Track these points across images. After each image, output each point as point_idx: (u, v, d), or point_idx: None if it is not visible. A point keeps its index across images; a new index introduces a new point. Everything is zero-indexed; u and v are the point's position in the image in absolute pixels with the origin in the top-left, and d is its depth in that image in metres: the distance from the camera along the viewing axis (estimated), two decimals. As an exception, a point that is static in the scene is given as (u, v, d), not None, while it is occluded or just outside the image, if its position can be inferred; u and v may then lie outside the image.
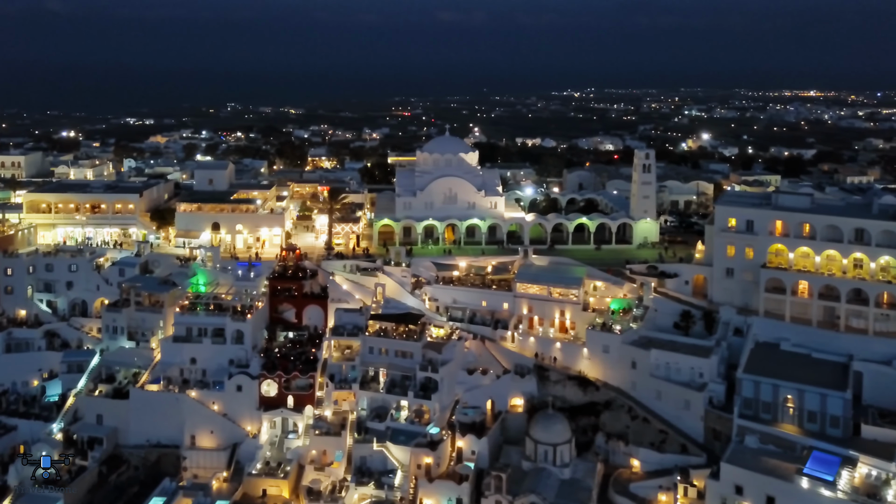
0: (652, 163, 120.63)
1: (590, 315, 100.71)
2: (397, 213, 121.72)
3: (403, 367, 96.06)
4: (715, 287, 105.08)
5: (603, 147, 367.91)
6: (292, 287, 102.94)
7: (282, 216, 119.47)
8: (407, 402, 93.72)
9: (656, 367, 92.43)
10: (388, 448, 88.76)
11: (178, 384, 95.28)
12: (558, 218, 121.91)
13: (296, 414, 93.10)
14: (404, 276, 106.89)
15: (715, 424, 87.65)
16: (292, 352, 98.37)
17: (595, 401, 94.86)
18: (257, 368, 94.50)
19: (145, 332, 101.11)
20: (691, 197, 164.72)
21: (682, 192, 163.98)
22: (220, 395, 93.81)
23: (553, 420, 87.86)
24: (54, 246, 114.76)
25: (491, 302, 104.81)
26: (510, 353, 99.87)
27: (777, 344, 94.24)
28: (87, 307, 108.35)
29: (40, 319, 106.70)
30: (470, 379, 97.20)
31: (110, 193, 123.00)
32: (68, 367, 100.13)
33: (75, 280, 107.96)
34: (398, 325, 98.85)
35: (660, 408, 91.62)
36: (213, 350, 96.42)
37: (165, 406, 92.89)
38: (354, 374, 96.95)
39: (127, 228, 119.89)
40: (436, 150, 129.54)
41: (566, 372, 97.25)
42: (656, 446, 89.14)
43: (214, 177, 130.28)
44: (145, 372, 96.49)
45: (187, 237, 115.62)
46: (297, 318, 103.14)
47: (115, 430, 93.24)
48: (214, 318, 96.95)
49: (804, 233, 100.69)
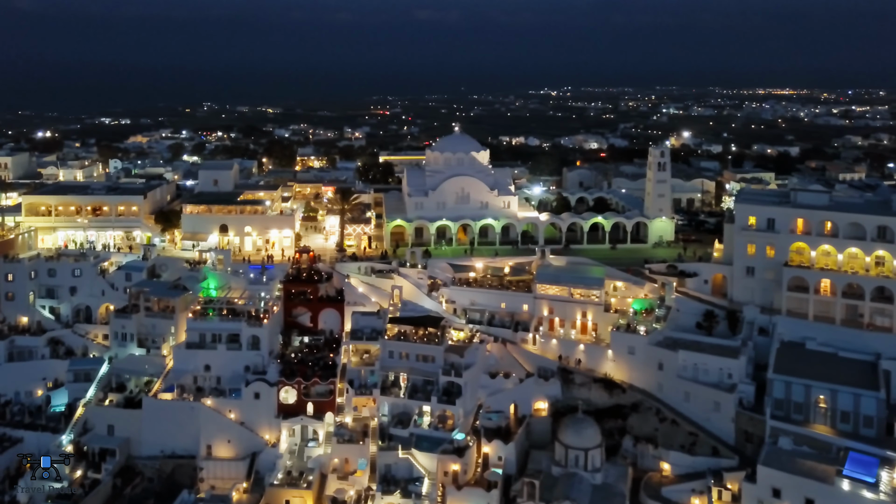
0: (667, 160, 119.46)
1: (612, 316, 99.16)
2: (408, 213, 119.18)
3: (425, 372, 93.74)
4: (735, 286, 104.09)
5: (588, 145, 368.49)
6: (307, 290, 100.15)
7: (292, 217, 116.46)
8: (429, 408, 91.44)
9: (684, 369, 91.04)
10: (413, 455, 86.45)
11: (191, 392, 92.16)
12: (573, 217, 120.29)
13: (316, 421, 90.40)
14: (420, 278, 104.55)
15: (746, 426, 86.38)
16: (309, 357, 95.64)
17: (621, 403, 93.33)
18: (275, 375, 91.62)
19: (155, 338, 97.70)
20: (695, 195, 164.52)
21: (684, 190, 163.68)
22: (236, 402, 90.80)
23: (584, 424, 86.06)
24: (56, 250, 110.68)
25: (510, 303, 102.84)
26: (532, 356, 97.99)
27: (802, 343, 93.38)
28: (92, 313, 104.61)
29: (43, 326, 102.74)
30: (492, 383, 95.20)
31: (113, 195, 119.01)
32: (75, 376, 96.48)
33: (79, 285, 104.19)
34: (418, 329, 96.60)
35: (688, 410, 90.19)
36: (228, 356, 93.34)
37: (180, 415, 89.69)
38: (374, 380, 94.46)
39: (130, 231, 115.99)
40: (447, 149, 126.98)
41: (590, 374, 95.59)
42: (687, 449, 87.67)
43: (219, 177, 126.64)
44: (157, 380, 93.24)
45: (194, 240, 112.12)
46: (312, 323, 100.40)
47: (128, 440, 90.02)
48: (229, 323, 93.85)
49: (825, 230, 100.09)
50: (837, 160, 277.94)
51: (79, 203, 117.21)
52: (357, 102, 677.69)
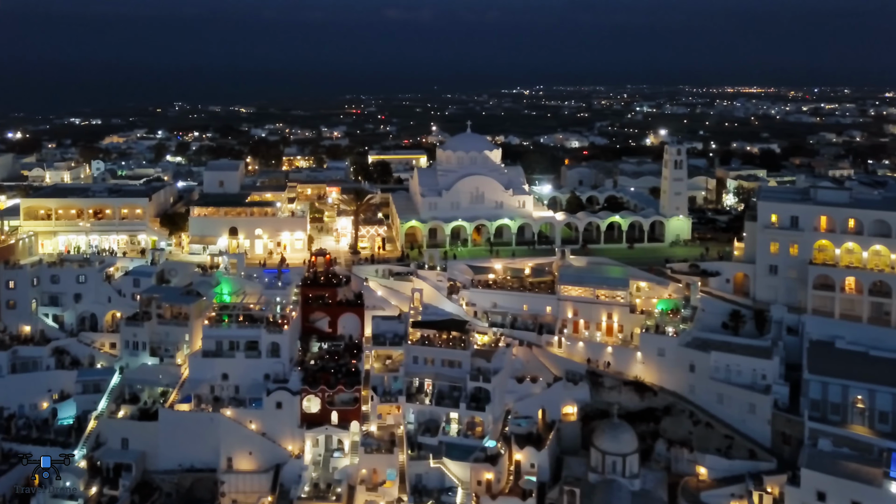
0: (684, 158, 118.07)
1: (638, 317, 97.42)
2: (422, 213, 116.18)
3: (451, 377, 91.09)
4: (758, 285, 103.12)
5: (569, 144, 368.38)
6: (325, 294, 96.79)
7: (304, 219, 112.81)
8: (457, 415, 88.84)
9: (716, 370, 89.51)
10: (445, 464, 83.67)
11: (209, 402, 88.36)
12: (589, 216, 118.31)
13: (341, 431, 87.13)
14: (440, 281, 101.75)
15: (784, 428, 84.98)
16: (330, 364, 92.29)
17: (653, 406, 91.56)
18: (297, 383, 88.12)
19: (168, 346, 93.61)
20: (697, 192, 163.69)
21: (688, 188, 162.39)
22: (257, 413, 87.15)
23: (620, 429, 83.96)
24: (57, 255, 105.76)
25: (533, 305, 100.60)
26: (559, 359, 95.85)
27: (831, 342, 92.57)
28: (98, 321, 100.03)
29: (47, 335, 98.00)
30: (520, 387, 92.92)
31: (116, 198, 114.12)
32: (83, 387, 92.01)
33: (84, 292, 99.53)
34: (441, 333, 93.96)
35: (721, 412, 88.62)
36: (246, 365, 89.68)
37: (199, 427, 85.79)
38: (398, 386, 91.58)
39: (135, 235, 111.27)
40: (459, 148, 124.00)
41: (620, 377, 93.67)
42: (723, 452, 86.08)
43: (225, 178, 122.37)
44: (172, 390, 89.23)
45: (202, 243, 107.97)
46: (330, 328, 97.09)
47: (143, 454, 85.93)
48: (247, 329, 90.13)
49: (849, 228, 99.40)
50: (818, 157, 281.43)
51: (80, 206, 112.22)
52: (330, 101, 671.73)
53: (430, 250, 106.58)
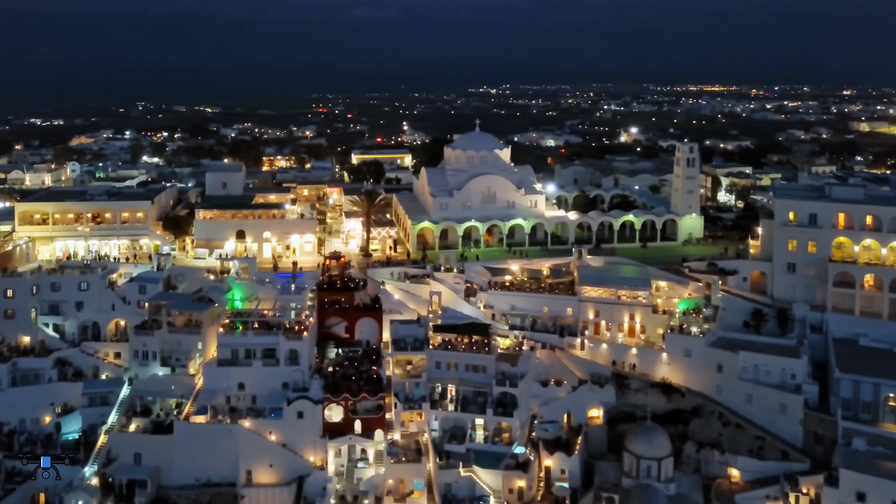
0: (696, 156, 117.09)
1: (660, 318, 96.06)
2: (433, 214, 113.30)
3: (475, 383, 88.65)
4: (777, 283, 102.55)
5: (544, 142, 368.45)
6: (342, 299, 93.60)
7: (313, 221, 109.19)
8: (483, 421, 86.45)
9: (744, 370, 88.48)
10: (475, 473, 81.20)
11: (224, 413, 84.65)
12: (602, 216, 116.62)
13: (365, 440, 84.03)
14: (457, 283, 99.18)
15: (816, 428, 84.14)
16: (350, 371, 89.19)
17: (681, 408, 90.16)
18: (318, 391, 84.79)
19: (180, 356, 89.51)
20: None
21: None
22: (278, 423, 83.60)
23: (655, 432, 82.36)
24: (56, 262, 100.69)
25: (553, 307, 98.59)
26: (583, 362, 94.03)
27: (855, 340, 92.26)
28: (101, 330, 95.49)
29: (47, 346, 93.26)
30: (545, 391, 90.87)
31: (117, 201, 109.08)
32: (90, 400, 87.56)
33: (86, 300, 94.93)
34: (462, 337, 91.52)
35: (751, 412, 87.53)
36: (264, 373, 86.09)
37: (216, 439, 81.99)
38: (420, 392, 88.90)
39: (137, 239, 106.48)
40: (469, 147, 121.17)
41: (646, 379, 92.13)
42: (755, 453, 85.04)
43: (228, 180, 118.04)
44: (186, 402, 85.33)
45: (209, 247, 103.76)
46: (347, 333, 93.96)
47: (157, 469, 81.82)
48: (264, 337, 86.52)
49: (867, 225, 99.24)
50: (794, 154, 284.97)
51: (78, 210, 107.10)
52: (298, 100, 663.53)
53: (446, 252, 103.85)
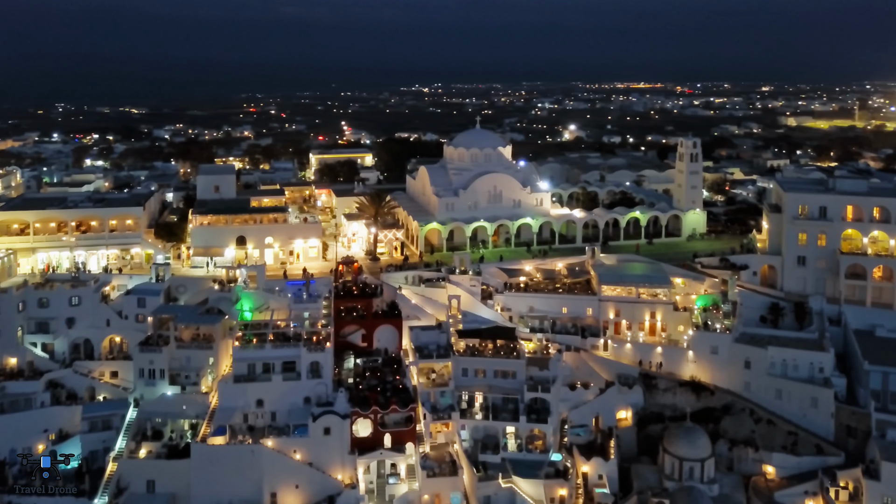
0: (699, 152, 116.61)
1: (682, 315, 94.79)
2: (438, 215, 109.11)
3: (504, 389, 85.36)
4: (787, 276, 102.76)
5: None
6: (359, 306, 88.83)
7: (317, 225, 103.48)
8: (514, 428, 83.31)
9: (772, 366, 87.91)
10: (515, 483, 77.92)
11: (242, 432, 78.96)
12: (608, 213, 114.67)
13: (395, 454, 79.79)
14: (473, 286, 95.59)
15: (849, 421, 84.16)
16: (372, 381, 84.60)
17: (711, 406, 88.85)
18: (343, 405, 79.84)
19: (190, 373, 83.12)
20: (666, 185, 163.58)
21: (660, 181, 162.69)
22: (303, 441, 78.34)
23: (696, 433, 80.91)
24: (40, 275, 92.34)
25: (573, 308, 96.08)
26: (608, 363, 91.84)
27: (871, 331, 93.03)
28: (94, 348, 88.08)
29: (36, 367, 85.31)
30: (572, 395, 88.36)
31: (104, 208, 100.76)
32: (90, 425, 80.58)
33: (78, 316, 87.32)
34: (487, 342, 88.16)
35: (781, 408, 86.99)
36: (284, 388, 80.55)
37: (237, 461, 76.07)
38: (447, 401, 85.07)
39: (128, 249, 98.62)
40: (473, 145, 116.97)
41: (673, 378, 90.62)
42: (789, 449, 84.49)
43: (221, 183, 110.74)
44: (200, 422, 79.27)
45: (207, 255, 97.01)
46: (365, 342, 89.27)
47: (174, 496, 75.62)
48: (284, 349, 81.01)
49: (875, 217, 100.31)
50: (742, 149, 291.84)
51: (62, 218, 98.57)
52: (227, 100, 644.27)
53: (461, 253, 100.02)
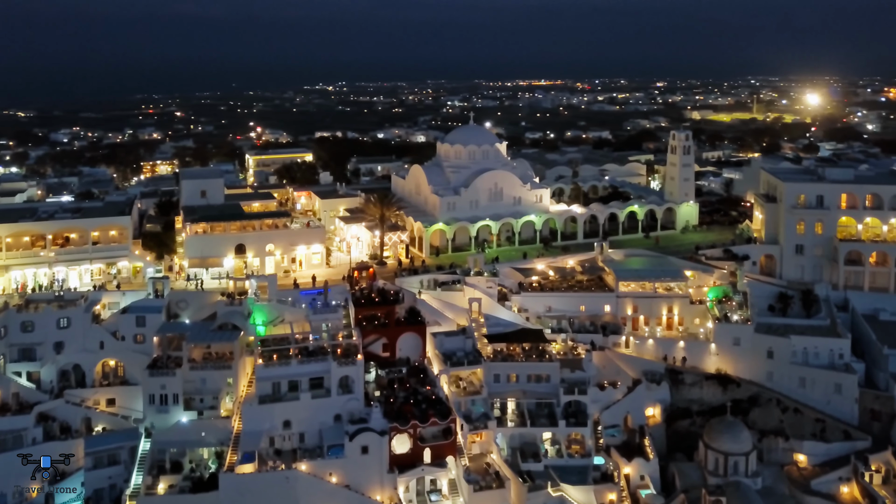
0: (691, 144, 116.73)
1: (698, 308, 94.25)
2: (440, 215, 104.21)
3: (539, 393, 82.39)
4: (786, 265, 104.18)
5: (413, 138, 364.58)
6: (381, 314, 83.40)
7: (321, 230, 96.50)
8: (551, 434, 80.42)
9: (794, 354, 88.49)
10: (566, 491, 74.91)
11: (270, 457, 72.48)
12: (609, 208, 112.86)
13: (437, 469, 75.27)
14: (490, 287, 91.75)
15: (873, 405, 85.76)
16: (401, 393, 79.50)
17: (737, 398, 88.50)
18: (379, 421, 74.54)
19: (205, 396, 75.50)
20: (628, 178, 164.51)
21: (621, 175, 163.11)
22: (339, 462, 72.54)
23: (737, 427, 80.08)
24: (19, 296, 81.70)
25: (590, 306, 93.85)
26: (632, 360, 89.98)
27: (874, 315, 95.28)
28: (86, 374, 78.90)
29: (23, 400, 75.40)
30: (602, 395, 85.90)
31: (86, 218, 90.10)
32: (95, 461, 72.20)
33: (67, 339, 77.89)
34: (515, 346, 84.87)
35: (804, 396, 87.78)
36: (313, 407, 74.44)
37: (271, 490, 69.45)
38: (479, 410, 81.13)
39: (115, 262, 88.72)
40: (470, 141, 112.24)
41: (698, 372, 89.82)
42: (818, 436, 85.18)
43: (208, 187, 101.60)
44: (221, 449, 72.23)
45: (204, 266, 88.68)
46: (387, 351, 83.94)
47: (200, 534, 68.53)
48: (311, 364, 74.84)
49: (867, 204, 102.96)
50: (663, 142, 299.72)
51: (38, 231, 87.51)
52: (121, 102, 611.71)
53: (475, 254, 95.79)
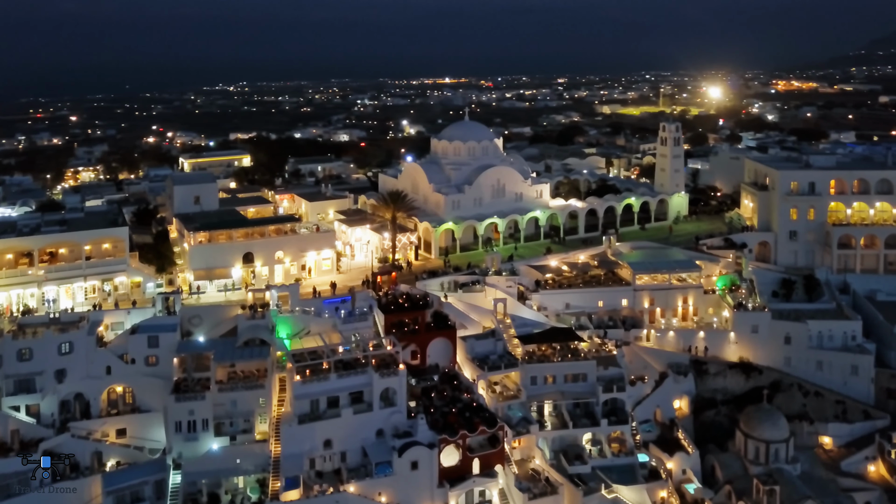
0: (680, 136, 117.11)
1: (711, 298, 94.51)
2: (445, 213, 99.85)
3: (576, 393, 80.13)
4: (780, 251, 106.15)
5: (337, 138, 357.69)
6: (409, 320, 78.86)
7: (331, 234, 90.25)
8: (591, 434, 78.40)
9: (810, 339, 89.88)
10: (619, 493, 72.89)
11: (313, 481, 67.08)
12: (607, 201, 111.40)
13: (487, 480, 71.68)
14: (510, 286, 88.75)
15: (889, 384, 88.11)
16: (438, 402, 75.39)
17: (759, 385, 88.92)
18: (425, 433, 70.22)
19: (236, 419, 69.02)
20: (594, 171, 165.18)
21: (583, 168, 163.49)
22: (388, 481, 67.82)
23: (775, 415, 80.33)
24: (10, 321, 71.95)
25: (608, 300, 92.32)
26: (657, 353, 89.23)
27: (872, 296, 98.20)
28: (90, 403, 70.71)
29: (24, 437, 66.80)
30: (633, 390, 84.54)
31: (81, 231, 79.94)
32: (117, 501, 64.65)
33: (69, 366, 69.33)
34: (545, 346, 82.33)
35: (822, 378, 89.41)
36: (355, 423, 69.29)
37: (320, 516, 64.55)
38: (517, 414, 78.21)
39: (112, 278, 79.65)
40: (468, 138, 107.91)
41: (721, 361, 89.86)
42: (840, 418, 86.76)
43: (202, 193, 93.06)
44: (264, 476, 66.21)
45: (210, 277, 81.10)
46: (416, 358, 79.53)
47: (248, 571, 62.65)
48: (351, 378, 69.53)
49: (854, 189, 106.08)
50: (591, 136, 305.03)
51: (25, 247, 77.22)
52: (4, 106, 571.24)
53: (492, 253, 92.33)
